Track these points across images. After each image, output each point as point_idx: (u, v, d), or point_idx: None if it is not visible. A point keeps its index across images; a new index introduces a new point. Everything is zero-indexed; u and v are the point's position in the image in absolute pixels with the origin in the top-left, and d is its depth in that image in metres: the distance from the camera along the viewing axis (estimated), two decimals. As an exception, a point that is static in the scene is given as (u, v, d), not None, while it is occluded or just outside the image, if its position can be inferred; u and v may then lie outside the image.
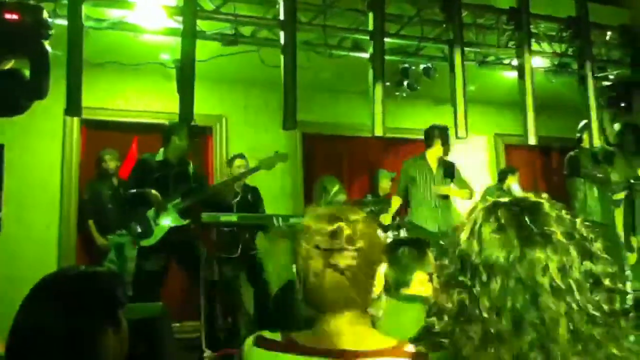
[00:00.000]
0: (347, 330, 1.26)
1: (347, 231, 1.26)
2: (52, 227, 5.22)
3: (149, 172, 4.50)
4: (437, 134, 5.23)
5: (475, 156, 6.85)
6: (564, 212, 0.95)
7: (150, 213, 4.43)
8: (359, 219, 1.30)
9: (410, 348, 1.23)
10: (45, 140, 5.33)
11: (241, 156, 5.38)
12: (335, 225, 1.27)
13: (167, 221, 4.40)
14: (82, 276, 1.38)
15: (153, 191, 4.38)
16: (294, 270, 1.34)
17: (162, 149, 4.63)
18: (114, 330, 1.31)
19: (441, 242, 4.94)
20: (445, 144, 5.24)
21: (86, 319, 1.27)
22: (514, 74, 5.03)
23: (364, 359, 1.21)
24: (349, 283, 1.25)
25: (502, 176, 6.39)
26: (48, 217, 5.22)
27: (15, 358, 1.26)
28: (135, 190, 4.46)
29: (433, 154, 5.28)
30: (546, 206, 0.95)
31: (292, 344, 1.27)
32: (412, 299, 2.28)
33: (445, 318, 0.93)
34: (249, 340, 1.35)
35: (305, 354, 1.24)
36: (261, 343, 1.31)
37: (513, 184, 6.26)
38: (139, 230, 4.39)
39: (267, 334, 1.33)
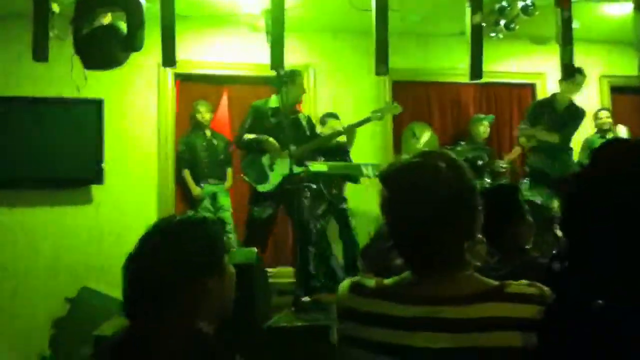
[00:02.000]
0: (442, 277, 1.21)
1: (439, 179, 1.20)
2: (151, 177, 5.43)
3: (262, 119, 4.50)
4: None
5: (579, 100, 6.42)
6: None
7: (265, 160, 4.45)
8: (449, 164, 1.22)
9: (513, 289, 1.17)
10: (141, 94, 5.50)
11: (333, 115, 5.34)
12: (424, 175, 1.21)
13: (283, 169, 4.38)
14: (189, 223, 1.41)
15: (270, 138, 4.40)
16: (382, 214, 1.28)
17: (273, 97, 4.58)
18: (218, 275, 1.35)
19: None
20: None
21: (193, 263, 1.31)
22: (621, 9, 4.62)
23: (458, 305, 1.16)
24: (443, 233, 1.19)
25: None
26: (146, 169, 5.43)
27: (130, 298, 1.33)
28: (252, 136, 4.46)
29: None
30: None
31: (384, 290, 1.26)
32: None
33: None
34: (345, 284, 1.34)
35: (396, 300, 1.21)
36: (355, 289, 1.30)
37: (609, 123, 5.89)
38: (254, 176, 4.43)
39: (362, 280, 1.32)
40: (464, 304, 1.16)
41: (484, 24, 4.14)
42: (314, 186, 4.58)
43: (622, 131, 5.90)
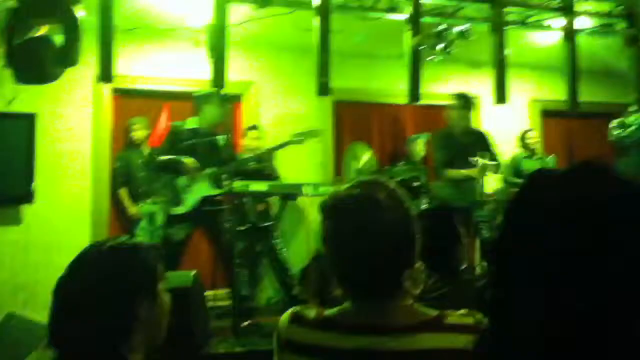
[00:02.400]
0: (381, 306, 1.22)
1: (377, 207, 1.21)
2: (85, 196, 5.25)
3: (180, 140, 4.44)
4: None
5: (510, 123, 6.66)
6: None
7: (182, 181, 4.39)
8: (389, 192, 1.24)
9: (452, 320, 1.19)
10: (76, 109, 5.32)
11: (254, 127, 5.40)
12: (364, 203, 1.22)
13: (200, 190, 4.35)
14: (122, 248, 1.36)
15: (187, 159, 4.34)
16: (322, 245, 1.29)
17: (193, 118, 4.57)
18: (151, 302, 1.32)
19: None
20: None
21: (123, 291, 1.28)
22: (551, 37, 4.85)
23: (398, 336, 1.17)
24: (382, 261, 1.20)
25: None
26: (80, 186, 5.24)
27: (57, 324, 1.27)
28: (168, 157, 4.41)
29: None
30: None
31: (324, 320, 1.25)
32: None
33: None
34: (285, 315, 1.33)
35: (336, 331, 1.21)
36: (295, 319, 1.30)
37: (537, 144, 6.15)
38: (169, 197, 4.36)
39: (302, 310, 1.31)
40: (403, 334, 1.17)
41: (422, 47, 4.27)
42: (240, 203, 4.55)
43: (550, 159, 6.16)
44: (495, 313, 0.82)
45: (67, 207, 5.15)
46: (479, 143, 5.09)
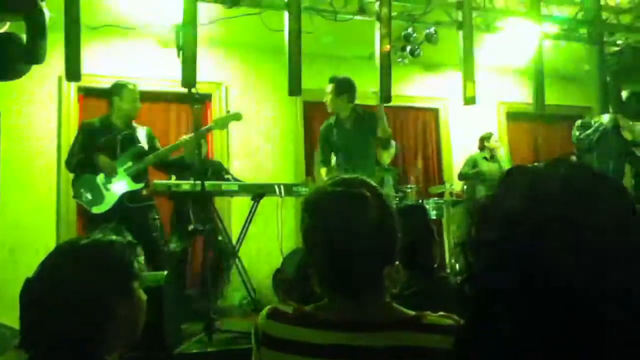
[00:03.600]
0: (359, 303, 1.22)
1: (355, 205, 1.22)
2: (51, 193, 5.15)
3: (93, 137, 4.22)
4: None
5: (477, 125, 6.78)
6: None
7: (100, 179, 4.19)
8: (366, 191, 1.25)
9: (430, 320, 1.20)
10: (41, 107, 5.22)
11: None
12: (343, 201, 1.23)
13: (119, 186, 4.18)
14: (94, 245, 1.34)
15: (102, 156, 4.14)
16: (304, 244, 1.29)
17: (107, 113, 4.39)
18: (126, 301, 1.29)
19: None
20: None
21: (97, 289, 1.25)
22: (519, 41, 4.95)
23: (375, 333, 1.18)
24: (360, 259, 1.21)
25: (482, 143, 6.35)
26: (46, 184, 5.15)
27: (29, 325, 1.24)
28: (82, 156, 4.18)
29: None
30: None
31: (302, 316, 1.26)
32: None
33: None
34: (264, 311, 1.33)
35: (314, 327, 1.22)
36: (273, 315, 1.30)
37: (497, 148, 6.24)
38: (90, 197, 4.15)
39: (280, 306, 1.32)
40: (381, 332, 1.18)
41: (391, 48, 4.31)
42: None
43: (502, 152, 6.30)
44: (475, 308, 0.82)
45: (33, 205, 5.05)
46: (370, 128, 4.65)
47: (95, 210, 4.13)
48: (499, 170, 6.01)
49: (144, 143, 4.38)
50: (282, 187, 4.79)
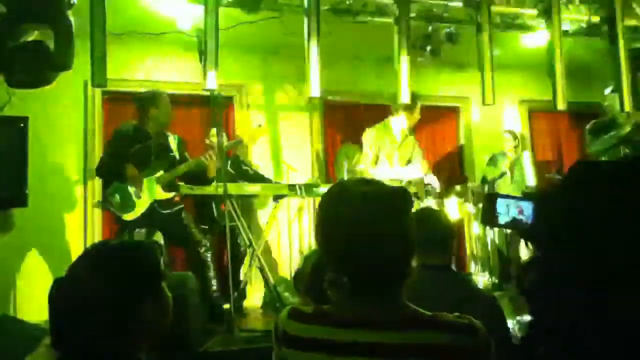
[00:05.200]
0: (377, 301, 1.24)
1: (374, 207, 1.24)
2: (77, 199, 5.26)
3: (125, 144, 4.26)
4: None
5: (499, 123, 6.75)
6: None
7: (132, 187, 4.25)
8: (384, 192, 1.27)
9: (447, 319, 1.22)
10: (67, 113, 5.34)
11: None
12: (359, 202, 1.24)
13: (151, 194, 4.24)
14: (122, 247, 1.38)
15: (130, 166, 4.18)
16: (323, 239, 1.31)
17: (138, 120, 4.44)
18: (154, 301, 1.33)
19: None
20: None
21: (125, 289, 1.29)
22: (538, 39, 4.92)
23: (396, 331, 1.20)
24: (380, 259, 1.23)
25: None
26: (72, 190, 5.26)
27: (60, 325, 1.28)
28: (112, 163, 4.24)
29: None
30: None
31: (322, 315, 1.28)
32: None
33: None
34: (284, 311, 1.36)
35: (334, 325, 1.24)
36: (293, 314, 1.33)
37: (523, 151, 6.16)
38: (120, 204, 4.20)
39: (300, 307, 1.35)
40: (402, 329, 1.20)
41: (411, 49, 4.33)
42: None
43: (526, 156, 6.21)
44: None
45: (60, 211, 5.16)
46: None
47: (126, 217, 4.20)
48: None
49: (175, 152, 4.45)
50: (302, 187, 4.85)
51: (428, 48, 5.58)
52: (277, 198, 5.19)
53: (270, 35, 5.08)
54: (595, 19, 4.78)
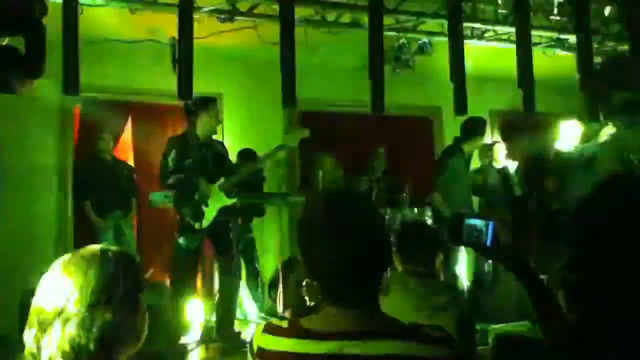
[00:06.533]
0: (353, 313, 1.25)
1: (352, 219, 1.25)
2: (50, 207, 5.18)
3: (184, 153, 4.22)
4: None
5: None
6: None
7: (198, 196, 4.22)
8: (360, 203, 1.30)
9: (424, 331, 1.23)
10: (40, 120, 5.26)
11: None
12: (340, 214, 1.25)
13: (215, 202, 4.24)
14: (100, 257, 1.37)
15: (201, 178, 4.21)
16: (299, 255, 1.33)
17: (186, 128, 4.45)
18: (131, 312, 1.31)
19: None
20: None
21: (102, 301, 1.27)
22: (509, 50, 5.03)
23: (370, 341, 1.21)
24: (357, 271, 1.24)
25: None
26: (45, 198, 5.18)
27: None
28: (180, 175, 4.19)
29: None
30: None
31: (297, 328, 1.28)
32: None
33: None
34: (259, 327, 1.37)
35: (309, 337, 1.25)
36: (268, 329, 1.33)
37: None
38: (192, 214, 4.19)
39: (275, 321, 1.35)
40: (376, 340, 1.21)
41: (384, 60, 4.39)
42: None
43: (510, 165, 6.28)
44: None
45: (33, 218, 5.07)
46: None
47: (198, 226, 4.19)
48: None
49: (225, 157, 4.47)
50: (279, 196, 4.87)
51: (401, 58, 5.69)
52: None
53: (246, 45, 5.10)
54: (564, 33, 4.92)
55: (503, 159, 6.07)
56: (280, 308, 4.77)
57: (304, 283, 1.30)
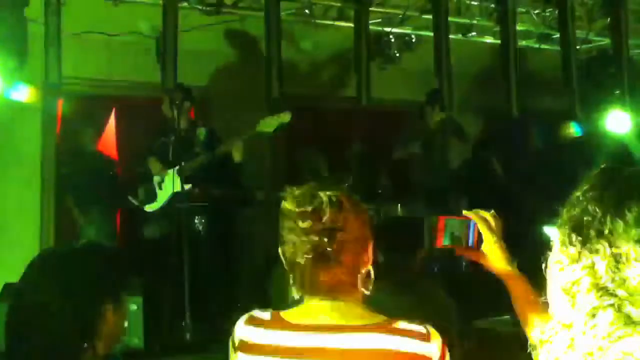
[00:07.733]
0: (333, 306, 1.26)
1: (329, 210, 1.24)
2: (33, 200, 5.12)
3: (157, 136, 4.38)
4: None
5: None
6: None
7: (156, 179, 4.28)
8: (340, 196, 1.28)
9: (402, 325, 1.23)
10: (23, 112, 5.18)
11: None
12: (316, 206, 1.24)
13: (171, 187, 4.22)
14: (84, 252, 1.36)
15: (152, 158, 4.26)
16: (279, 251, 1.32)
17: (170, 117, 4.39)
18: (114, 307, 1.31)
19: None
20: None
21: (87, 295, 1.27)
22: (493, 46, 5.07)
23: (348, 332, 1.22)
24: (335, 263, 1.24)
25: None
26: (28, 190, 5.11)
27: (15, 333, 1.26)
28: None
29: None
30: None
31: (278, 320, 1.29)
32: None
33: None
34: (242, 318, 1.37)
35: (289, 329, 1.26)
36: (250, 320, 1.33)
37: None
38: (144, 195, 4.27)
39: (257, 312, 1.35)
40: (354, 333, 1.22)
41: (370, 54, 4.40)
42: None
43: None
44: None
45: (15, 212, 5.01)
46: None
47: (148, 208, 4.22)
48: None
49: (202, 144, 4.40)
50: (262, 192, 4.85)
51: (386, 52, 5.70)
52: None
53: (231, 39, 5.08)
54: (547, 28, 4.95)
55: None
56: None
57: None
